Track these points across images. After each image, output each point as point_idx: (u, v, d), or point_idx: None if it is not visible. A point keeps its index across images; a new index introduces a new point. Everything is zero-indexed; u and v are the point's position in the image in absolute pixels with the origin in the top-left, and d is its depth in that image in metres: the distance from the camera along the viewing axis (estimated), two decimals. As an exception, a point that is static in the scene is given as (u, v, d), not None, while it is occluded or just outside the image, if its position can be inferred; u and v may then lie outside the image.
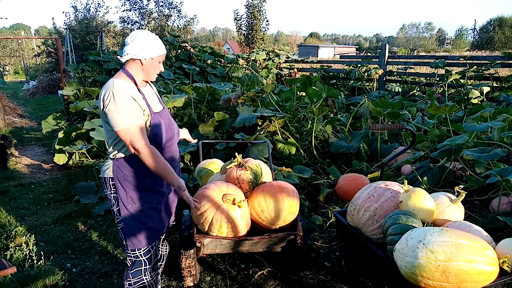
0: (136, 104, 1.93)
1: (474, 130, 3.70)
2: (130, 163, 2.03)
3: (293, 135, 5.12)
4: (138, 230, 2.09)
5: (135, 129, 1.91)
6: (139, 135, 1.92)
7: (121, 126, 1.88)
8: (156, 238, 2.18)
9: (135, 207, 2.07)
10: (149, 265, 2.19)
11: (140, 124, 1.94)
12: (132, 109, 1.91)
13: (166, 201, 2.24)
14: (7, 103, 10.98)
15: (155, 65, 2.03)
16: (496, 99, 6.76)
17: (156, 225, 2.17)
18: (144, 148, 1.93)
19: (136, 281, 2.17)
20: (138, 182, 2.06)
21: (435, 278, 1.73)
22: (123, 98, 1.88)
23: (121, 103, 1.87)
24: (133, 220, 2.07)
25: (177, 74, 9.41)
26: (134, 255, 2.13)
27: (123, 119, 1.87)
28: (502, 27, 39.15)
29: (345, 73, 10.71)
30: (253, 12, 21.17)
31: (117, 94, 1.87)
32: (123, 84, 1.95)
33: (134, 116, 1.91)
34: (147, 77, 2.06)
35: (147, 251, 2.15)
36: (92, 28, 19.41)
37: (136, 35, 1.98)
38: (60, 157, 5.66)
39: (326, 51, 40.56)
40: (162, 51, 2.04)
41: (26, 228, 3.78)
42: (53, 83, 15.81)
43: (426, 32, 79.87)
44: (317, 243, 3.25)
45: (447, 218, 2.18)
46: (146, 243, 2.12)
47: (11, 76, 27.76)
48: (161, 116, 2.09)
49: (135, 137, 1.91)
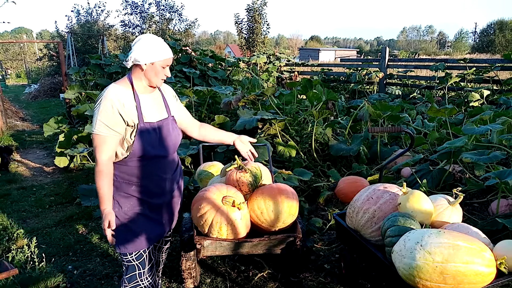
0: (117, 116, 1.88)
1: (473, 133, 3.72)
2: (117, 168, 1.99)
3: (294, 138, 5.14)
4: (125, 235, 2.03)
5: (101, 140, 1.88)
6: (101, 146, 1.89)
7: (93, 130, 1.89)
8: (144, 245, 2.09)
9: (121, 211, 2.02)
10: (143, 269, 2.13)
11: (110, 137, 1.89)
12: (109, 120, 1.87)
13: (158, 211, 2.16)
14: (9, 106, 11.03)
15: (157, 70, 1.94)
16: (496, 102, 6.77)
17: (143, 231, 2.07)
18: (98, 162, 1.89)
19: (132, 285, 2.13)
20: (124, 188, 2.02)
21: (432, 279, 1.75)
22: (105, 105, 1.87)
23: (101, 109, 1.87)
24: (120, 224, 2.01)
25: (178, 78, 9.45)
26: (126, 260, 2.09)
27: (96, 125, 1.87)
28: (502, 30, 39.21)
29: (345, 76, 10.75)
30: (254, 16, 21.28)
31: (103, 100, 1.89)
32: (116, 90, 1.92)
33: (106, 127, 1.87)
34: (150, 82, 1.98)
35: (139, 256, 2.09)
36: (94, 31, 19.51)
37: (138, 40, 1.94)
38: (61, 160, 5.69)
39: (327, 54, 40.67)
40: (164, 56, 1.93)
41: (28, 231, 3.80)
42: (54, 86, 15.89)
43: (426, 35, 79.97)
44: (316, 245, 3.27)
45: (445, 220, 2.19)
46: (134, 248, 2.06)
47: (13, 79, 27.88)
48: (154, 126, 2.00)
49: (98, 147, 1.89)
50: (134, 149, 1.95)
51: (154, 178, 2.07)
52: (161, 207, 2.17)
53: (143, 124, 1.95)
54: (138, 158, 1.99)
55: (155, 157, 2.03)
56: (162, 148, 2.05)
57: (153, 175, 2.07)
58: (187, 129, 2.33)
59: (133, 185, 2.03)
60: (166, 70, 1.99)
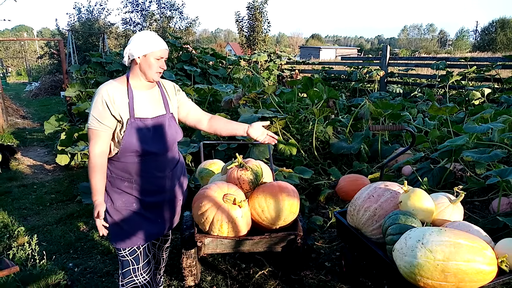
0: (105, 110, 1.90)
1: (474, 131, 3.71)
2: (111, 163, 2.01)
3: (294, 136, 5.14)
4: (116, 229, 2.04)
5: (93, 133, 1.93)
6: (94, 140, 1.93)
7: (88, 125, 1.94)
8: (137, 242, 2.08)
9: (113, 207, 2.03)
10: (137, 265, 2.11)
11: (101, 131, 1.92)
12: (99, 114, 1.91)
13: (154, 209, 2.13)
14: (10, 104, 11.04)
15: (150, 62, 1.94)
16: (497, 101, 6.75)
17: (136, 229, 2.06)
18: (90, 155, 1.93)
19: (127, 281, 2.11)
20: (117, 183, 2.03)
21: (434, 277, 1.74)
22: (96, 100, 1.91)
23: (93, 105, 1.92)
24: (111, 219, 2.03)
25: (178, 76, 9.44)
26: (120, 255, 2.08)
27: (90, 119, 1.93)
28: (504, 29, 39.11)
29: (346, 75, 10.72)
30: (255, 14, 21.21)
31: (96, 96, 1.93)
32: (110, 86, 1.94)
33: (97, 121, 1.91)
34: (146, 77, 1.97)
35: (133, 251, 2.08)
36: (95, 29, 19.50)
37: (133, 36, 1.99)
38: (62, 158, 5.70)
39: (328, 53, 40.65)
40: (156, 47, 1.92)
41: (29, 228, 3.80)
42: (55, 84, 15.91)
43: (427, 34, 79.76)
44: (317, 243, 3.27)
45: (446, 218, 2.19)
46: (125, 245, 2.05)
47: (13, 77, 27.92)
48: (146, 122, 1.98)
49: (91, 141, 1.94)
50: (125, 145, 1.94)
51: (147, 176, 2.05)
52: (157, 205, 2.14)
53: (134, 119, 1.94)
54: (131, 154, 1.98)
55: (148, 154, 2.01)
56: (156, 144, 2.02)
57: (147, 173, 2.04)
58: (196, 122, 2.29)
59: (126, 181, 2.02)
60: (160, 62, 1.97)
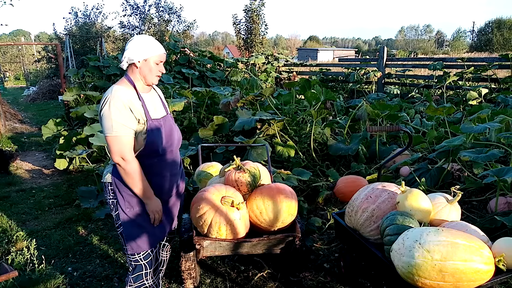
0: (129, 113, 1.92)
1: (471, 131, 3.73)
2: None
3: (292, 138, 5.15)
4: (137, 234, 2.08)
5: (122, 140, 1.92)
6: (125, 146, 1.93)
7: (111, 132, 1.90)
8: (155, 243, 2.17)
9: (133, 211, 2.06)
10: (150, 269, 2.19)
11: (129, 136, 1.94)
12: (124, 119, 1.90)
13: (166, 207, 2.22)
14: (7, 109, 11.02)
15: (150, 66, 1.99)
16: (494, 100, 6.78)
17: (155, 230, 2.15)
18: (128, 161, 1.93)
19: (138, 285, 2.17)
20: None
21: (431, 277, 1.75)
22: (117, 105, 1.89)
23: (114, 110, 1.88)
24: (131, 224, 2.07)
25: (176, 79, 9.46)
26: (134, 260, 2.13)
27: (113, 126, 1.89)
28: (500, 29, 39.20)
29: (344, 76, 10.76)
30: (252, 17, 21.29)
31: (113, 100, 1.89)
32: (122, 90, 1.95)
33: (124, 126, 1.90)
34: (146, 80, 2.03)
35: (147, 255, 2.15)
36: (92, 33, 19.52)
37: (131, 40, 2.00)
38: (60, 162, 5.69)
39: (325, 54, 40.72)
40: (156, 51, 1.99)
41: (27, 233, 3.80)
42: (53, 88, 15.87)
43: (424, 35, 79.95)
44: (316, 244, 3.27)
45: (443, 218, 2.20)
46: (145, 247, 2.11)
47: (11, 82, 27.87)
48: (161, 122, 2.07)
49: (122, 148, 1.92)
50: (147, 145, 2.00)
51: (163, 175, 2.13)
52: (169, 203, 2.24)
53: (152, 121, 2.01)
54: (150, 156, 2.04)
55: (164, 153, 2.10)
56: (171, 142, 2.14)
57: (163, 172, 2.13)
58: None
59: None
60: (160, 66, 2.04)
